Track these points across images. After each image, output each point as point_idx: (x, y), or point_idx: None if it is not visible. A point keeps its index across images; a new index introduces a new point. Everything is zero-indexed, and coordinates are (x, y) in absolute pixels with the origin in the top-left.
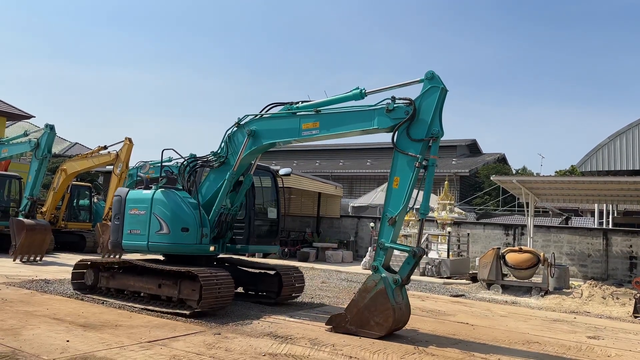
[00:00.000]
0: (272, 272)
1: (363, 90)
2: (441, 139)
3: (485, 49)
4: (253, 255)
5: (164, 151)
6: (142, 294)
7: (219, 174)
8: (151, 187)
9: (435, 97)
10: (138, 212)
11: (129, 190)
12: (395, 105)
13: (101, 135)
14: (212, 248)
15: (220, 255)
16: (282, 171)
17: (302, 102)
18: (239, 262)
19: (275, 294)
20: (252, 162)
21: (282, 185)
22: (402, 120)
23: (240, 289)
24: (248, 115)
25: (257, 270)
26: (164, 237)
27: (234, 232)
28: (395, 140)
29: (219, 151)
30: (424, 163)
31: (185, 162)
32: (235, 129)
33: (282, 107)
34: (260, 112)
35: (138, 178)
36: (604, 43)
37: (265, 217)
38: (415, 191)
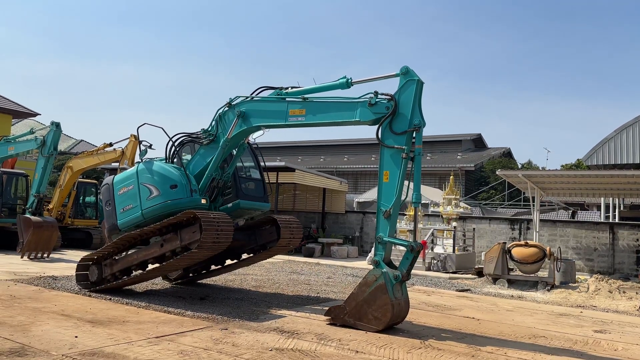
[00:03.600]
0: (269, 226)
1: (349, 80)
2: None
3: (490, 43)
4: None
5: (139, 127)
6: (148, 262)
7: (208, 150)
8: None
9: (412, 91)
10: (127, 189)
11: (114, 176)
12: (377, 100)
13: (106, 132)
14: (203, 201)
15: None
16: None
17: (292, 87)
18: (238, 227)
19: (275, 242)
20: (241, 141)
21: (256, 146)
22: (383, 115)
23: (244, 256)
24: (239, 97)
25: (255, 228)
26: (156, 199)
27: (225, 200)
28: (380, 136)
29: (209, 129)
30: (410, 155)
31: (169, 138)
32: (227, 108)
33: (273, 91)
34: (251, 94)
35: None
36: (610, 36)
37: (250, 178)
38: (406, 183)
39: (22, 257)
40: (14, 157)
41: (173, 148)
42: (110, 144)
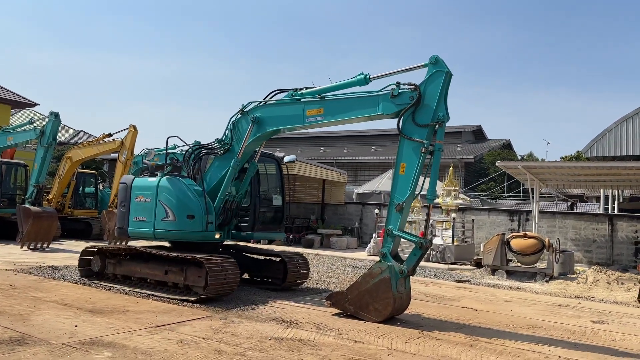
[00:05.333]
0: (277, 259)
1: (368, 76)
2: (446, 124)
3: (491, 35)
4: (258, 242)
5: (169, 138)
6: (148, 280)
7: (223, 161)
8: (156, 175)
9: (440, 82)
10: (144, 200)
11: (134, 178)
12: (400, 90)
13: (106, 122)
14: (217, 235)
15: (226, 242)
16: (286, 158)
17: (307, 88)
18: (244, 248)
19: (281, 280)
20: (257, 149)
21: (286, 172)
22: (407, 106)
23: (245, 275)
24: (252, 102)
25: (262, 257)
26: (169, 224)
27: (239, 219)
28: (400, 126)
29: (223, 138)
30: (430, 148)
31: (190, 149)
32: (240, 116)
33: (286, 93)
34: (264, 98)
35: (143, 165)
36: (610, 28)
37: (270, 204)
38: (421, 178)
39: (21, 247)
40: (13, 147)
41: (192, 162)
42: (110, 135)
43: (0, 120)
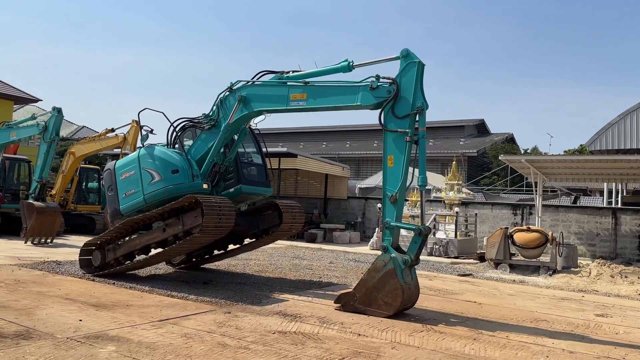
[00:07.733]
0: (271, 210)
1: (351, 63)
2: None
3: (494, 28)
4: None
5: (141, 112)
6: (151, 247)
7: (209, 135)
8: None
9: (414, 73)
10: (129, 174)
11: (115, 161)
12: (378, 83)
13: (109, 118)
14: (205, 185)
15: None
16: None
17: (293, 71)
18: (238, 209)
19: (277, 227)
20: (243, 126)
21: (258, 131)
22: (385, 99)
23: (247, 241)
24: (240, 81)
25: (257, 214)
26: (157, 184)
27: (227, 177)
28: (382, 120)
29: (210, 114)
30: (414, 138)
31: (173, 122)
32: (228, 93)
33: (273, 75)
34: (252, 78)
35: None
36: (614, 21)
37: (252, 162)
38: (411, 169)
39: (25, 242)
40: (16, 142)
41: (174, 133)
42: (112, 130)
43: (3, 116)
